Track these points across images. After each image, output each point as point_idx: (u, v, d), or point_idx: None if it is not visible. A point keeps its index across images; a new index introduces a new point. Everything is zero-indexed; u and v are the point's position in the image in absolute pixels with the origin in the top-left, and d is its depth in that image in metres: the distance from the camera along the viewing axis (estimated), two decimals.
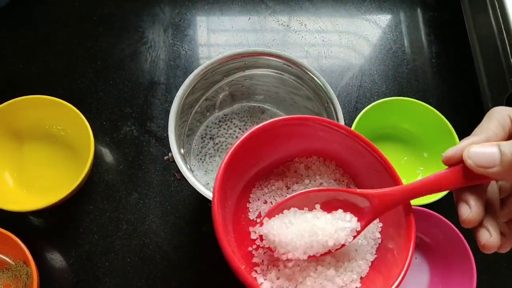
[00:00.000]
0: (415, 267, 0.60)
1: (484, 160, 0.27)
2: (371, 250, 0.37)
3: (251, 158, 0.38)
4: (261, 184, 0.40)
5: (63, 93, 0.68)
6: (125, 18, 0.74)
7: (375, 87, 0.72)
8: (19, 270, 0.56)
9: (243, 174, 0.39)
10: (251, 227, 0.37)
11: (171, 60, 0.72)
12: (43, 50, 0.71)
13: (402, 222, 0.36)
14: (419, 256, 0.60)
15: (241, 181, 0.39)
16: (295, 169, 0.40)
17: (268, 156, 0.39)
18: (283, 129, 0.37)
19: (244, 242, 0.38)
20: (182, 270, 0.59)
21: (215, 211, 0.33)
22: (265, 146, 0.38)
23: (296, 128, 0.37)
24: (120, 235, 0.61)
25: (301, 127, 0.37)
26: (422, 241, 0.60)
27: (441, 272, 0.59)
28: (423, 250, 0.60)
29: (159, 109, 0.68)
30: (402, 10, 0.79)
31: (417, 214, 0.57)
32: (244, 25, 0.76)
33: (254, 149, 0.37)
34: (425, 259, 0.60)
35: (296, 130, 0.37)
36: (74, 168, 0.61)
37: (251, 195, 0.40)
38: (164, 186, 0.63)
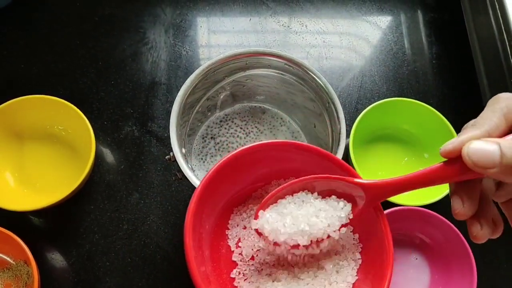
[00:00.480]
0: (415, 267, 0.60)
1: (484, 160, 0.26)
2: (352, 272, 0.37)
3: (227, 185, 0.37)
4: (240, 210, 0.40)
5: (64, 93, 0.68)
6: (126, 18, 0.74)
7: (376, 88, 0.72)
8: (19, 270, 0.56)
9: (221, 199, 0.38)
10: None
11: (172, 60, 0.72)
12: (44, 50, 0.71)
13: (381, 240, 0.35)
14: (419, 257, 0.60)
15: (217, 208, 0.38)
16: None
17: (245, 182, 0.39)
18: (258, 154, 0.37)
19: (224, 270, 0.38)
20: (183, 270, 0.59)
21: (187, 243, 0.33)
22: (240, 171, 0.37)
23: (271, 153, 0.37)
24: (121, 235, 0.61)
25: (276, 152, 0.37)
26: (422, 242, 0.60)
27: (441, 272, 0.59)
28: (423, 251, 0.60)
29: (160, 109, 0.68)
30: (403, 11, 0.79)
31: (417, 214, 0.57)
32: (245, 26, 0.76)
33: (230, 176, 0.37)
34: (426, 260, 0.60)
35: (272, 154, 0.37)
36: (75, 168, 0.61)
37: (229, 221, 0.40)
38: (165, 186, 0.63)
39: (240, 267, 0.38)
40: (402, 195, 0.63)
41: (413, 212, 0.57)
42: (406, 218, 0.57)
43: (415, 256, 0.61)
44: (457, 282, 0.56)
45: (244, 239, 0.39)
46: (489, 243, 0.62)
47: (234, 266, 0.38)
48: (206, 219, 0.36)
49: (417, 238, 0.60)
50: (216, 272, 0.37)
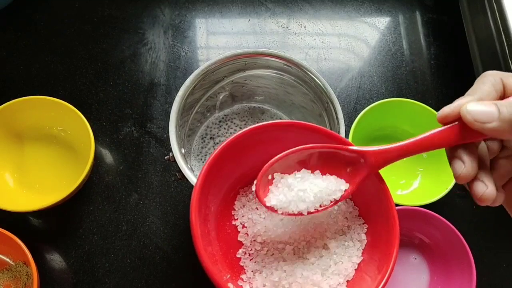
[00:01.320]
0: (415, 267, 0.60)
1: (482, 116, 0.28)
2: (357, 252, 0.37)
3: (233, 165, 0.37)
4: (246, 191, 0.40)
5: (63, 94, 0.68)
6: (125, 19, 0.74)
7: (374, 88, 0.72)
8: (19, 271, 0.56)
9: (226, 181, 0.38)
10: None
11: (171, 61, 0.72)
12: (43, 51, 0.71)
13: (387, 220, 0.35)
14: (418, 257, 0.61)
15: (223, 188, 0.38)
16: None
17: (250, 163, 0.38)
18: (265, 134, 0.37)
19: (230, 250, 0.38)
20: (182, 271, 0.59)
21: (193, 220, 0.33)
22: (247, 152, 0.37)
23: (279, 134, 0.37)
24: (120, 235, 0.61)
25: (283, 133, 0.37)
26: (422, 242, 0.60)
27: (440, 272, 0.59)
28: (422, 251, 0.60)
29: (159, 110, 0.68)
30: (401, 12, 0.79)
31: (417, 215, 0.57)
32: (243, 27, 0.76)
33: (236, 156, 0.37)
34: (425, 260, 0.60)
35: (279, 135, 0.37)
36: (74, 169, 0.61)
37: (236, 202, 0.40)
38: (164, 187, 0.63)
39: (246, 247, 0.38)
40: (402, 195, 0.63)
41: (413, 212, 0.57)
42: (405, 218, 0.58)
43: (415, 256, 0.61)
44: (456, 282, 0.56)
45: (249, 219, 0.39)
46: (488, 243, 0.63)
47: (240, 246, 0.38)
48: (212, 200, 0.37)
49: (417, 238, 0.60)
50: (222, 252, 0.37)
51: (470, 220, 0.64)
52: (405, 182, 0.65)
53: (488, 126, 0.28)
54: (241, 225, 0.39)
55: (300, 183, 0.34)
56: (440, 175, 0.62)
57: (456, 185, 0.59)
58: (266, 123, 0.36)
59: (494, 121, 0.27)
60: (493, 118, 0.27)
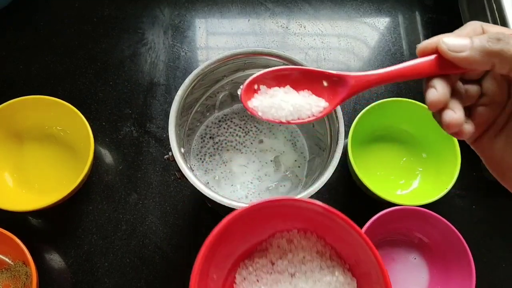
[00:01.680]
0: (414, 267, 0.60)
1: (456, 46, 0.30)
2: None
3: (233, 242, 0.38)
4: (246, 264, 0.40)
5: (63, 93, 0.68)
6: (125, 19, 0.74)
7: (374, 88, 0.72)
8: (18, 270, 0.56)
9: (227, 257, 0.38)
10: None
11: (171, 61, 0.72)
12: (43, 51, 0.71)
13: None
14: (418, 256, 0.61)
15: (225, 264, 0.39)
16: (278, 244, 0.40)
17: (250, 237, 0.39)
18: (263, 211, 0.37)
19: None
20: (182, 271, 0.59)
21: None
22: (246, 228, 0.37)
23: (276, 209, 0.37)
24: (119, 235, 0.61)
25: (280, 208, 0.37)
26: (421, 241, 0.60)
27: (440, 272, 0.59)
28: (422, 250, 0.60)
29: (159, 110, 0.68)
30: (401, 12, 0.79)
31: (416, 214, 0.57)
32: (243, 27, 0.76)
33: (235, 233, 0.37)
34: (424, 259, 0.60)
35: (276, 211, 0.37)
36: (73, 169, 0.61)
37: (236, 275, 0.39)
38: (163, 186, 0.63)
39: None
40: (401, 195, 0.63)
41: (412, 212, 0.57)
42: (405, 218, 0.58)
43: (414, 256, 0.61)
44: (456, 282, 0.56)
45: None
46: (488, 243, 0.63)
47: None
48: (214, 270, 0.37)
49: (416, 238, 0.60)
50: None
51: (469, 220, 0.64)
52: (405, 182, 0.65)
53: (461, 55, 0.30)
54: None
55: (282, 94, 0.36)
56: (439, 175, 0.62)
57: (455, 185, 0.59)
58: (268, 199, 0.36)
59: (467, 51, 0.30)
60: (465, 48, 0.30)
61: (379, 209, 0.62)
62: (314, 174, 0.52)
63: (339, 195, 0.64)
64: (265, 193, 0.55)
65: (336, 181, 0.65)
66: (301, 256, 0.39)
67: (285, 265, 0.38)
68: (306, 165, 0.57)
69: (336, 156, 0.46)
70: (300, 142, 0.58)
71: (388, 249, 0.61)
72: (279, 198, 0.36)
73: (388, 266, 0.60)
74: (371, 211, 0.63)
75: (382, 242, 0.61)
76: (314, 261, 0.39)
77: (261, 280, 0.38)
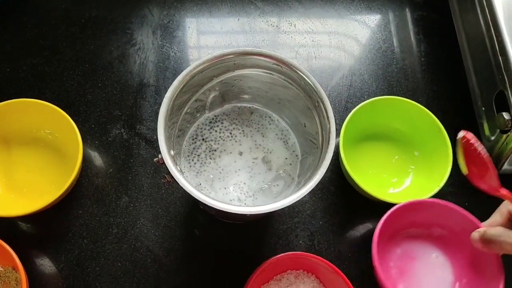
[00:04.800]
0: (436, 266, 0.59)
1: (473, 238, 0.49)
2: None
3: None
4: (264, 286, 0.57)
5: (51, 96, 0.67)
6: (113, 20, 0.74)
7: (365, 86, 0.72)
8: (8, 276, 0.55)
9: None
10: None
11: (160, 62, 0.71)
12: (30, 53, 0.70)
13: None
14: (440, 255, 0.59)
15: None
16: (287, 278, 0.57)
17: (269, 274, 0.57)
18: (281, 262, 0.55)
19: None
20: (174, 273, 0.59)
21: None
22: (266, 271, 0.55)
23: (293, 261, 0.56)
24: (111, 239, 0.60)
25: (293, 259, 0.56)
26: (442, 235, 0.59)
27: (464, 268, 0.57)
28: (442, 246, 0.59)
29: (149, 111, 0.67)
30: (391, 9, 0.79)
31: (433, 206, 0.56)
32: (233, 26, 0.76)
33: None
34: (447, 256, 0.59)
35: (294, 262, 0.57)
36: (62, 172, 0.60)
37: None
38: (154, 189, 0.63)
39: None
40: (394, 194, 0.63)
41: (429, 205, 0.56)
42: (421, 212, 0.56)
43: (436, 254, 0.59)
44: (484, 277, 0.55)
45: None
46: None
47: None
48: None
49: (435, 231, 0.59)
50: None
51: None
52: (397, 180, 0.65)
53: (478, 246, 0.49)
54: None
55: None
56: (431, 173, 0.62)
57: (447, 182, 0.59)
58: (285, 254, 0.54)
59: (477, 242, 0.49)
60: (476, 241, 0.49)
61: (372, 207, 0.62)
62: (306, 174, 0.51)
63: (331, 194, 0.64)
64: (259, 193, 0.55)
65: (329, 180, 0.65)
66: (302, 287, 0.57)
67: None
68: (299, 164, 0.57)
69: (328, 156, 0.46)
70: (291, 140, 0.58)
71: (407, 246, 0.60)
72: (295, 255, 0.55)
73: (408, 264, 0.59)
74: (363, 210, 0.63)
75: (400, 237, 0.60)
76: None
77: None
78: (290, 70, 0.50)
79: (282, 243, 0.61)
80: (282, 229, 0.62)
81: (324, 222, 0.63)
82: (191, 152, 0.56)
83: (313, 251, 0.61)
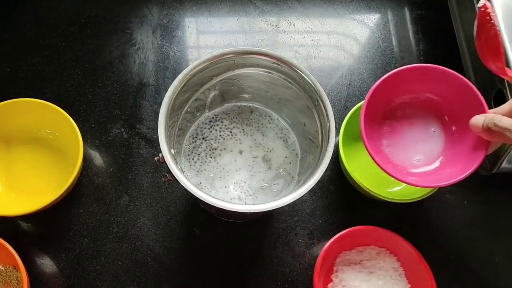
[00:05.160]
0: (432, 138, 0.54)
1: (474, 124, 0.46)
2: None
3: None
4: (345, 253, 0.60)
5: (51, 96, 0.67)
6: (112, 20, 0.74)
7: (365, 85, 0.72)
8: (9, 275, 0.55)
9: None
10: None
11: (160, 61, 0.71)
12: (30, 53, 0.70)
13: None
14: (437, 129, 0.54)
15: None
16: (369, 252, 0.59)
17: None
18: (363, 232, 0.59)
19: None
20: (174, 272, 0.59)
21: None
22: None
23: (379, 237, 0.60)
24: (111, 238, 0.60)
25: (383, 237, 0.59)
26: (439, 104, 0.54)
27: (454, 141, 0.52)
28: (439, 118, 0.54)
29: (149, 111, 0.68)
30: (390, 9, 0.79)
31: (428, 72, 0.52)
32: (233, 25, 0.76)
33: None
34: (443, 131, 0.53)
35: (379, 238, 0.60)
36: (63, 172, 0.60)
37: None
38: (154, 188, 0.63)
39: None
40: (393, 192, 0.63)
41: (423, 70, 0.52)
42: (410, 80, 0.52)
43: (434, 128, 0.54)
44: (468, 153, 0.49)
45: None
46: (479, 238, 0.63)
47: None
48: None
49: (431, 99, 0.54)
50: None
51: (460, 216, 0.65)
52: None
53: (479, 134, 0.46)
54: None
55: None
56: None
57: None
58: None
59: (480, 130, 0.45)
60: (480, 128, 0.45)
61: (371, 206, 0.62)
62: (306, 172, 0.52)
63: (330, 193, 0.64)
64: (259, 192, 0.55)
65: (328, 179, 0.65)
66: (381, 265, 0.58)
67: (368, 265, 0.58)
68: (298, 163, 0.57)
69: (327, 154, 0.46)
70: (291, 139, 0.58)
71: (406, 112, 0.55)
72: (383, 231, 0.58)
73: (405, 128, 0.55)
74: (363, 208, 0.63)
75: (398, 105, 0.55)
76: (387, 271, 0.58)
77: (350, 266, 0.58)
78: (290, 69, 0.50)
79: (282, 242, 0.61)
80: (282, 227, 0.62)
81: (324, 220, 0.63)
82: (191, 151, 0.57)
83: (313, 250, 0.61)
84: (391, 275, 0.58)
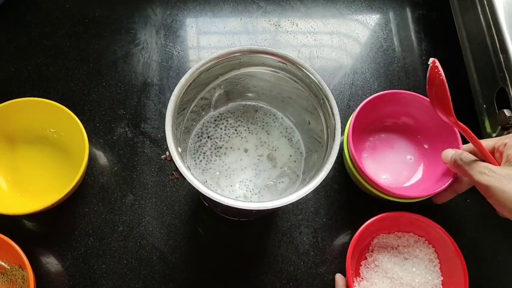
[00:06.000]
0: (410, 165, 0.64)
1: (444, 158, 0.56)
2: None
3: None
4: (382, 236, 0.62)
5: (55, 95, 0.67)
6: (117, 20, 0.74)
7: (367, 85, 0.73)
8: (14, 274, 0.55)
9: None
10: None
11: (164, 61, 0.72)
12: (35, 52, 0.70)
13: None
14: (413, 158, 0.64)
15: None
16: (407, 238, 0.61)
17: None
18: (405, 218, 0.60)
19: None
20: (179, 271, 0.59)
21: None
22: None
23: (419, 225, 0.60)
24: (116, 237, 0.60)
25: (424, 226, 0.60)
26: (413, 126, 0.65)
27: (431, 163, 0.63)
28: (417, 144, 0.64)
29: (153, 110, 0.68)
30: (392, 8, 0.80)
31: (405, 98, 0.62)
32: (235, 25, 0.76)
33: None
34: (420, 158, 0.64)
35: (420, 227, 0.60)
36: (68, 171, 0.60)
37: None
38: (159, 187, 0.63)
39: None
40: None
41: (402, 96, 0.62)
42: (396, 103, 0.62)
43: (410, 157, 0.65)
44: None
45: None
46: (481, 237, 0.63)
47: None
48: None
49: (408, 121, 0.64)
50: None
51: (462, 215, 0.65)
52: None
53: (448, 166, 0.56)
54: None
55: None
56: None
57: None
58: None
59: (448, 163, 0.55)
60: (448, 160, 0.55)
61: (375, 205, 0.63)
62: (311, 171, 0.52)
63: (334, 192, 0.65)
64: (264, 190, 0.55)
65: (332, 178, 0.65)
66: (417, 253, 0.59)
67: (404, 251, 0.60)
68: (303, 162, 0.57)
69: (333, 153, 0.46)
70: (295, 138, 0.59)
71: (391, 136, 0.66)
72: (424, 219, 0.59)
73: (386, 149, 0.65)
74: (366, 207, 0.64)
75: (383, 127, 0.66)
76: (423, 260, 0.59)
77: (386, 248, 0.60)
78: (296, 68, 0.51)
79: (286, 240, 0.61)
80: (286, 226, 0.62)
81: (328, 219, 0.63)
82: (197, 150, 0.57)
83: (317, 248, 0.61)
84: (426, 265, 0.58)
